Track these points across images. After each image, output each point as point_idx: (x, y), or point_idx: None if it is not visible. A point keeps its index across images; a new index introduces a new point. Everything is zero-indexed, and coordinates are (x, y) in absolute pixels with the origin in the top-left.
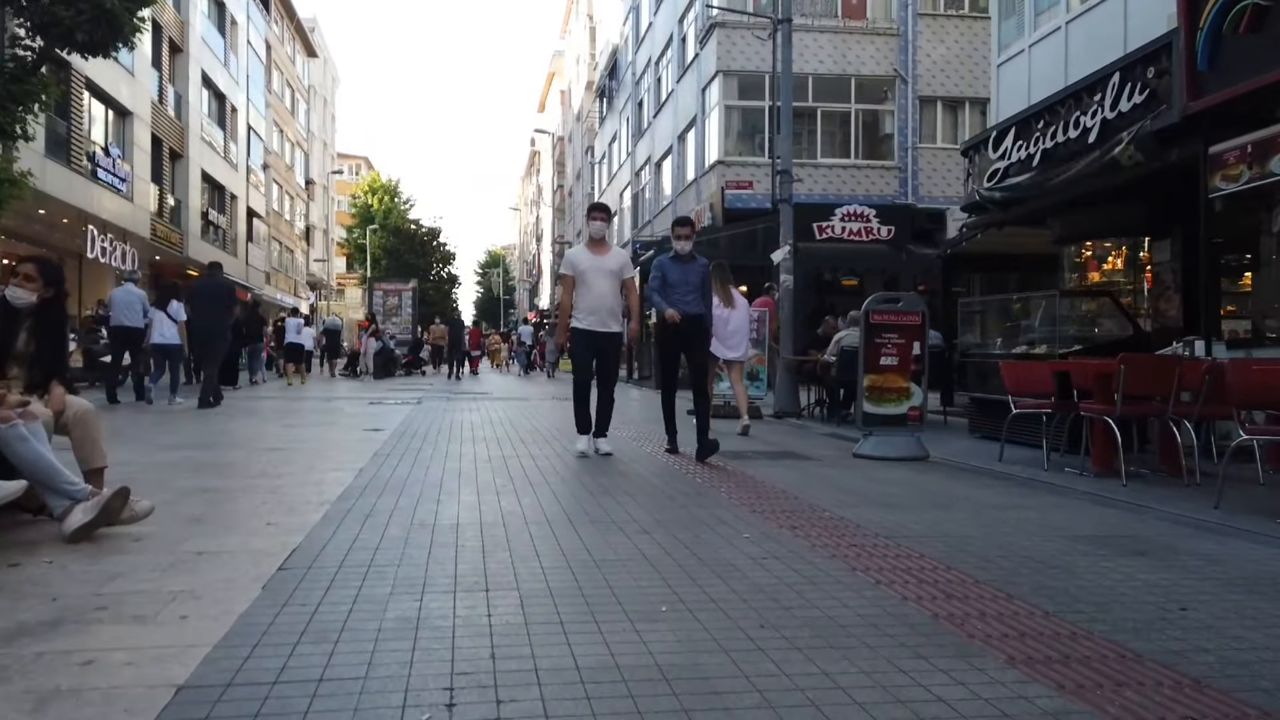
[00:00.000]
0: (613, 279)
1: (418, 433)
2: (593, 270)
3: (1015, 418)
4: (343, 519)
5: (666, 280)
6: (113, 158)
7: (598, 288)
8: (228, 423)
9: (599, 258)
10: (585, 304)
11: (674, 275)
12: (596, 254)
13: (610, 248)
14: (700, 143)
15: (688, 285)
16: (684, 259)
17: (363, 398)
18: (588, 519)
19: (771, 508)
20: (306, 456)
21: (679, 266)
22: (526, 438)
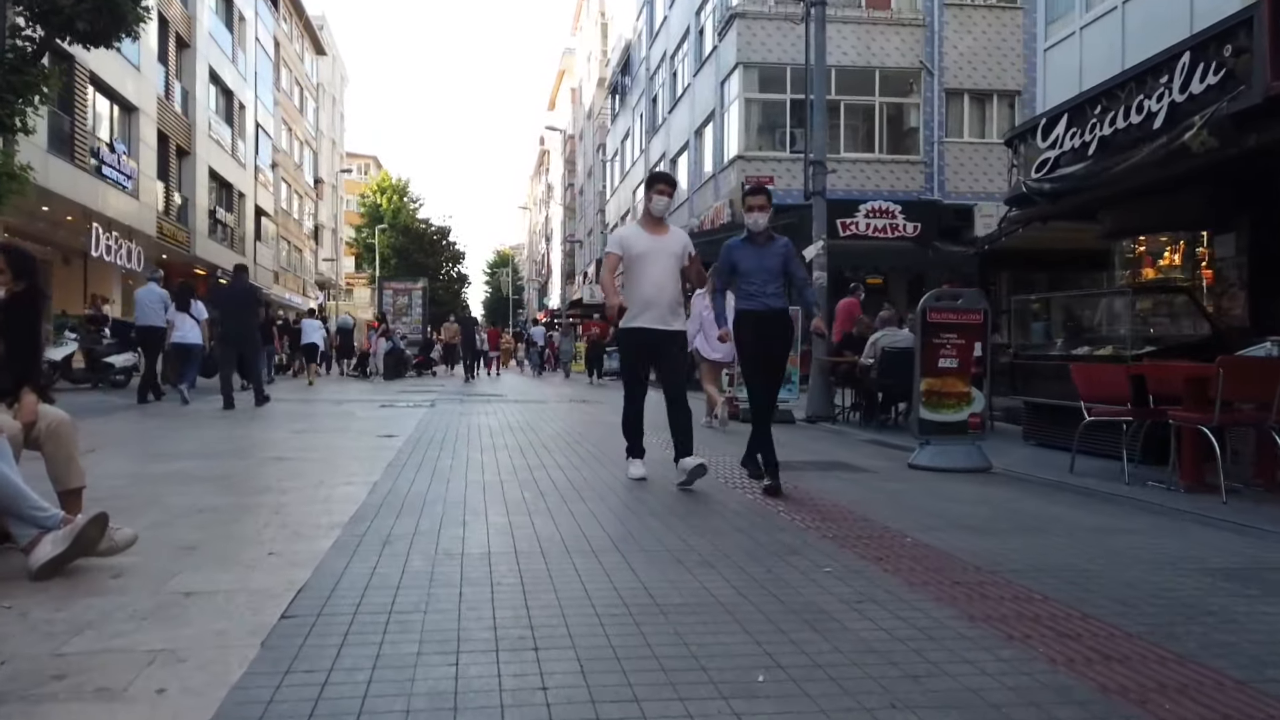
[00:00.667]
0: (673, 265)
1: (434, 439)
2: (650, 254)
3: (1088, 425)
4: (357, 547)
5: (737, 269)
6: (118, 154)
7: (655, 275)
8: (232, 428)
9: (658, 239)
10: (640, 295)
11: (747, 261)
12: (655, 234)
13: (669, 227)
14: (719, 137)
15: (766, 273)
16: (758, 239)
17: (374, 400)
18: (637, 547)
19: (843, 531)
20: (315, 468)
21: (752, 250)
22: (550, 445)
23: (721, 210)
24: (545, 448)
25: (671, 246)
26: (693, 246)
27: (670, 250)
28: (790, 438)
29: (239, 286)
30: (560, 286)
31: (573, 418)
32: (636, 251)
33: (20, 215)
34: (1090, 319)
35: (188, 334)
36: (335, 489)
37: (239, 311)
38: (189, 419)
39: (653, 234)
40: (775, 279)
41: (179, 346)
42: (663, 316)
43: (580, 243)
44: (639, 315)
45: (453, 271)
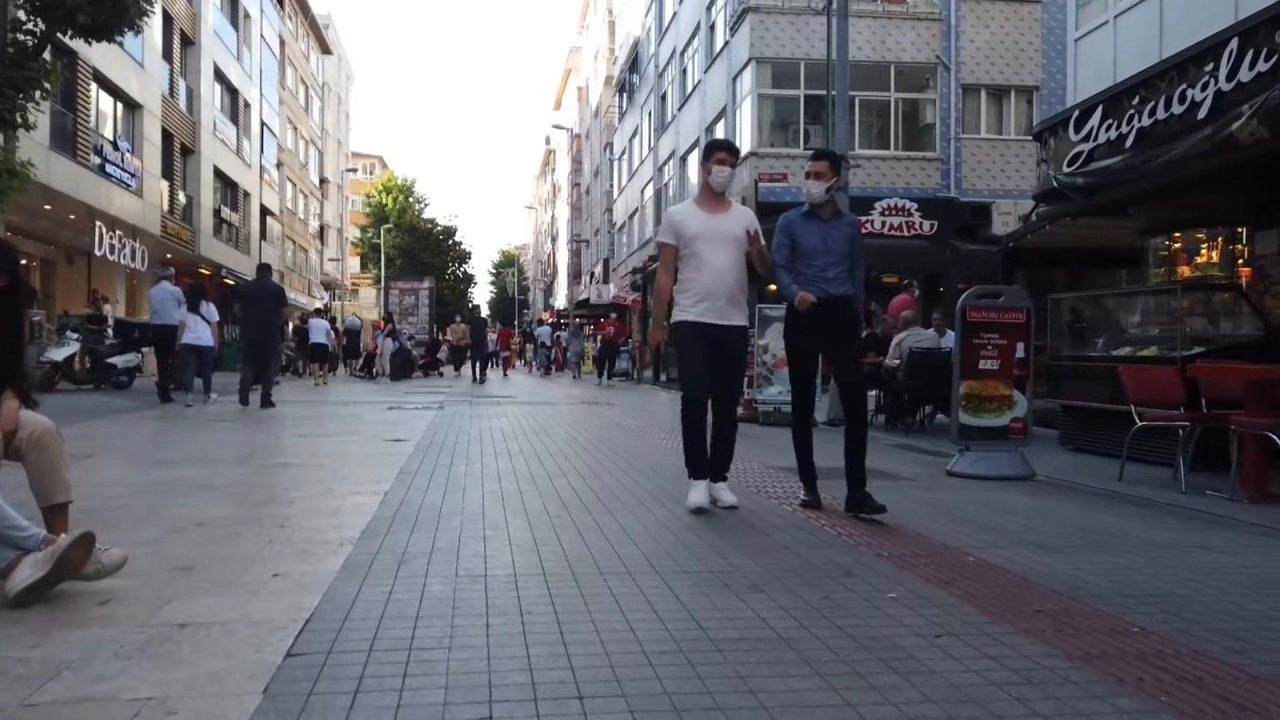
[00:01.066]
0: (735, 249)
1: (445, 444)
2: (709, 237)
3: (1139, 431)
4: (369, 567)
5: (797, 247)
6: (121, 152)
7: (716, 262)
8: (237, 432)
9: (718, 218)
10: (698, 285)
11: (809, 239)
12: (714, 214)
13: (731, 204)
14: (731, 134)
15: (829, 253)
16: (820, 213)
17: (381, 402)
18: (676, 567)
19: (897, 549)
20: (322, 475)
21: (815, 226)
22: (568, 450)
23: None
24: (563, 453)
25: (732, 227)
26: (757, 225)
27: (731, 232)
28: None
29: (260, 285)
30: (566, 286)
31: (588, 421)
32: (692, 233)
33: (23, 214)
34: (1131, 318)
35: (200, 335)
36: (344, 499)
37: (259, 310)
38: (192, 421)
39: (711, 213)
40: (839, 261)
41: (190, 348)
42: (723, 309)
43: (587, 242)
44: (697, 306)
45: (459, 271)
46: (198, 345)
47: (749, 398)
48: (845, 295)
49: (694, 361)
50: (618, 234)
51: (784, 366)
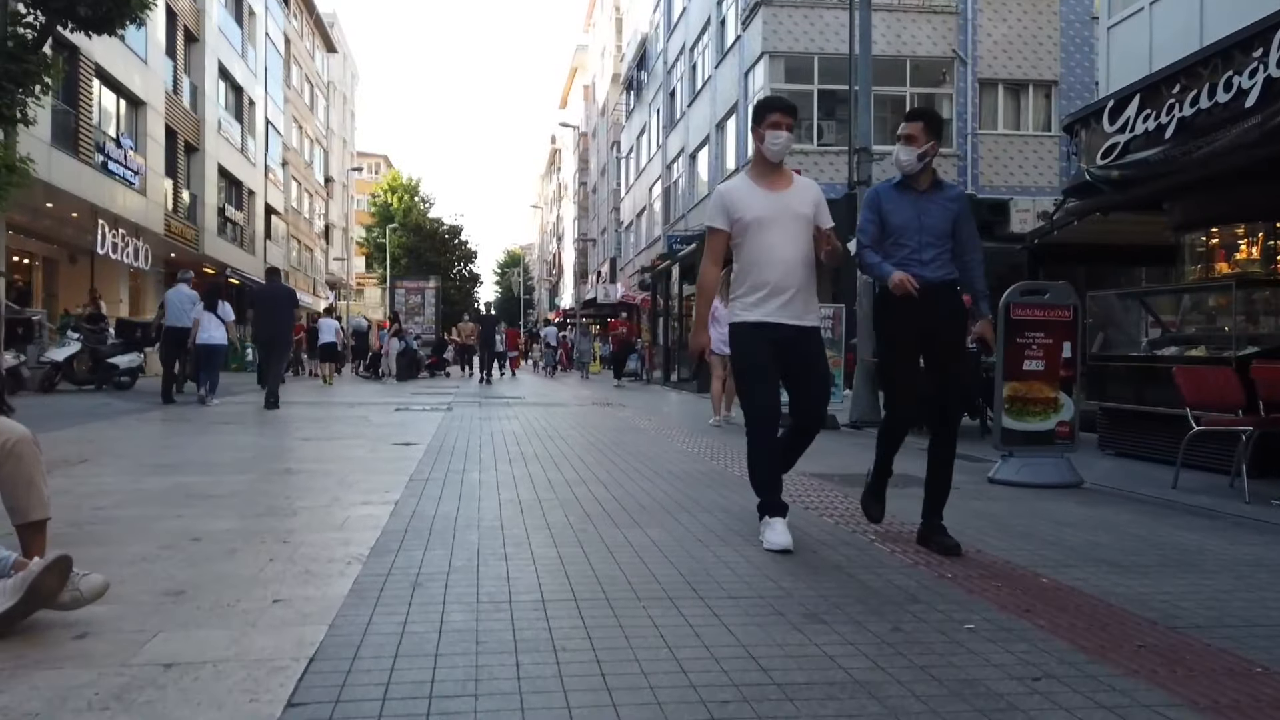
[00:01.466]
0: (803, 231)
1: (456, 448)
2: (773, 218)
3: (1196, 436)
4: (381, 591)
5: (886, 224)
6: (124, 149)
7: (783, 248)
8: (239, 435)
9: (780, 195)
10: (758, 276)
11: (899, 214)
12: (774, 189)
13: (792, 176)
14: (742, 131)
15: (924, 231)
16: (915, 183)
17: (388, 403)
18: (721, 592)
19: (959, 568)
20: (328, 483)
21: (908, 200)
22: (585, 455)
23: None
24: (580, 458)
25: (798, 205)
26: (824, 201)
27: (797, 210)
28: (839, 445)
29: (273, 287)
30: (573, 286)
31: (603, 423)
32: (750, 217)
33: (25, 212)
34: (1175, 316)
35: (213, 334)
36: (352, 509)
37: (272, 312)
38: (195, 424)
39: (770, 188)
40: (940, 241)
41: (203, 347)
42: (793, 306)
43: (593, 241)
44: (759, 306)
45: (464, 271)
46: (210, 344)
47: None
48: (947, 280)
49: (758, 371)
50: (625, 233)
51: None
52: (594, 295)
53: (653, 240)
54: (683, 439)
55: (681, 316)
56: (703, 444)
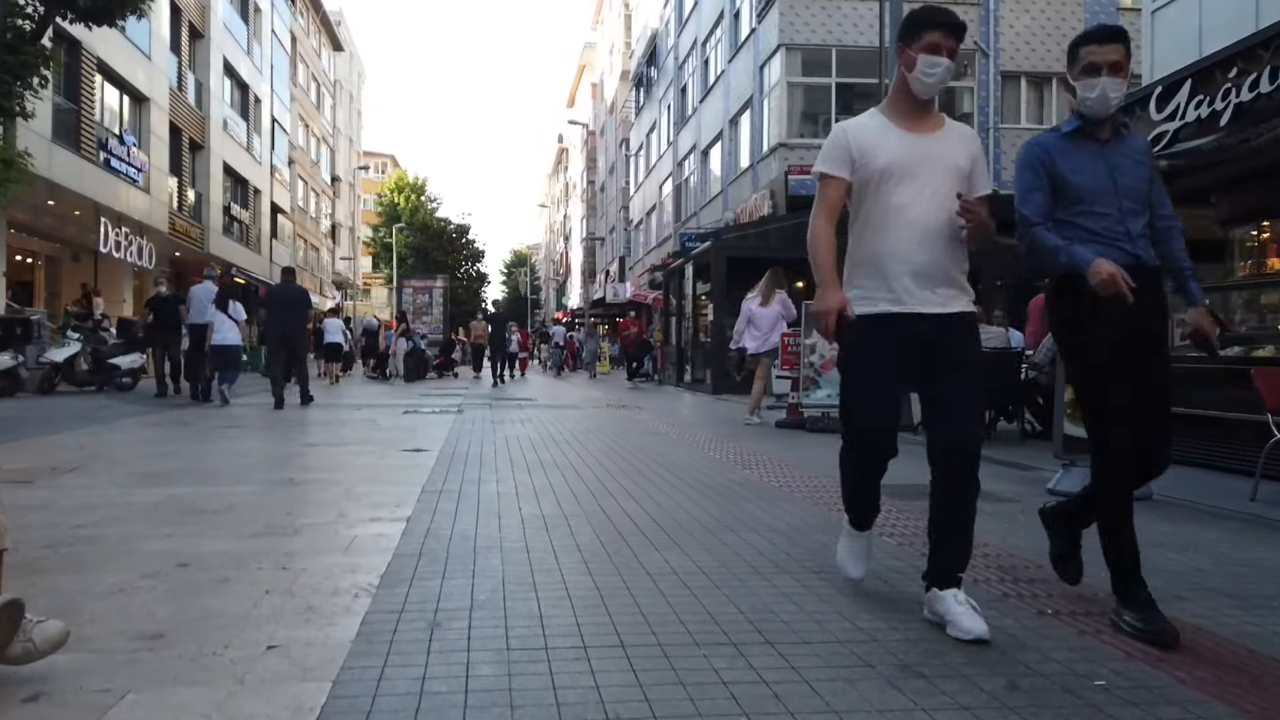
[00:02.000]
0: (953, 189)
1: (470, 455)
2: (910, 168)
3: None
4: (393, 635)
5: (1064, 189)
6: (127, 146)
7: (920, 209)
8: (241, 440)
9: (925, 141)
10: (884, 246)
11: (1084, 174)
12: (917, 132)
13: (943, 119)
14: (757, 125)
15: (1124, 195)
16: (1098, 131)
17: (396, 405)
18: (792, 635)
19: (1061, 604)
20: (334, 495)
21: (1087, 154)
22: (607, 461)
23: (761, 203)
24: (602, 466)
25: (950, 154)
26: (983, 160)
27: (948, 161)
28: None
29: (287, 288)
30: (580, 285)
31: (622, 427)
32: (881, 164)
33: (27, 210)
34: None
35: (226, 335)
36: (359, 527)
37: (287, 312)
38: (194, 428)
39: (912, 129)
40: (1143, 208)
41: (217, 348)
42: (936, 289)
43: (602, 240)
44: (884, 289)
45: (472, 270)
46: (224, 344)
47: (794, 401)
48: (1155, 264)
49: (869, 378)
50: (634, 231)
51: (833, 368)
52: (602, 294)
53: (663, 238)
54: (708, 444)
55: (695, 316)
56: (730, 449)
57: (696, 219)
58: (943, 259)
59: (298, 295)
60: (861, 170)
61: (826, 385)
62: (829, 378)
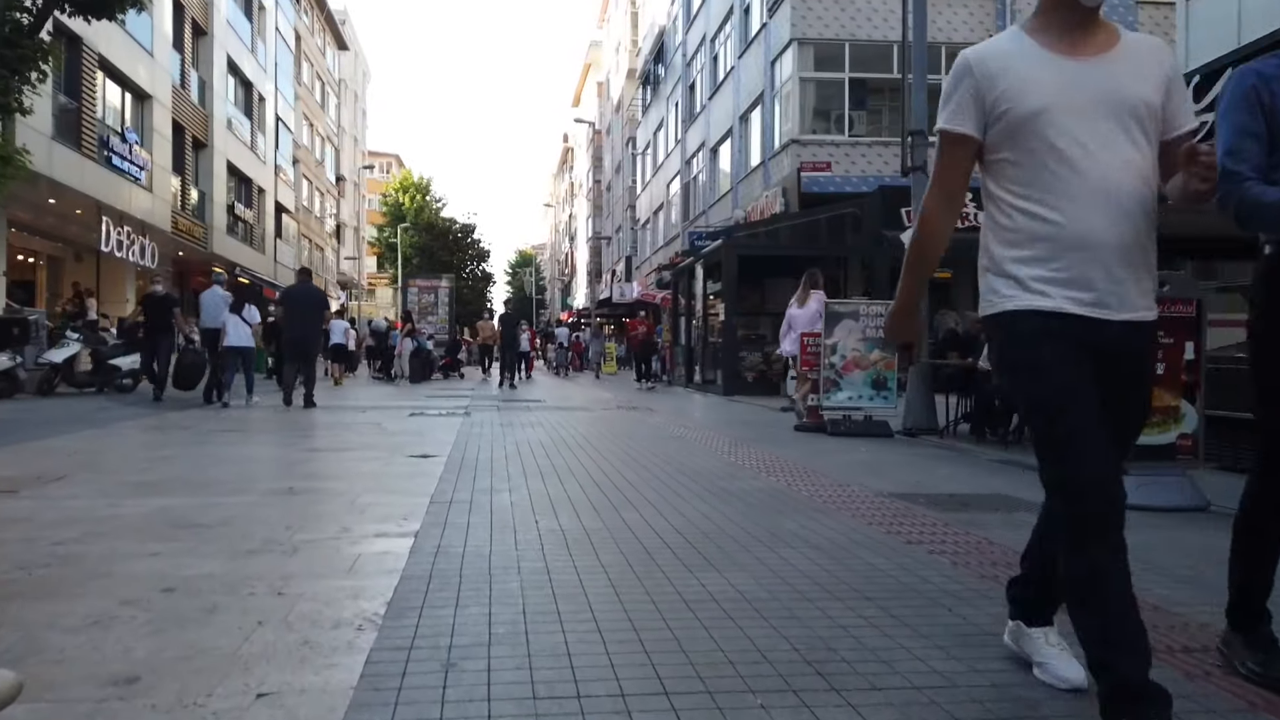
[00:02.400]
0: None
1: (481, 462)
2: (1076, 107)
3: None
4: (402, 678)
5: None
6: (129, 144)
7: (1096, 164)
8: (240, 445)
9: (1092, 66)
10: (1050, 223)
11: None
12: (1081, 55)
13: (1116, 31)
14: (768, 122)
15: None
16: None
17: (401, 407)
18: (863, 681)
19: (1156, 633)
20: (336, 507)
21: None
22: (625, 468)
23: (773, 200)
24: (621, 474)
25: (1134, 82)
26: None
27: (1129, 94)
28: (901, 456)
29: (304, 289)
30: (586, 285)
31: (636, 430)
32: (1031, 106)
33: (27, 208)
34: None
35: (240, 337)
36: (363, 544)
37: (304, 313)
38: (192, 431)
39: (1073, 52)
40: None
41: (231, 349)
42: (1120, 283)
43: (608, 240)
44: (1054, 280)
45: (478, 270)
46: (239, 347)
47: (815, 403)
48: None
49: (1066, 410)
50: (641, 231)
51: (854, 369)
52: (609, 294)
53: (671, 237)
54: (727, 449)
55: (705, 316)
56: (751, 454)
57: (706, 217)
58: (1131, 239)
59: (314, 296)
60: (1002, 116)
61: (848, 387)
62: (850, 379)
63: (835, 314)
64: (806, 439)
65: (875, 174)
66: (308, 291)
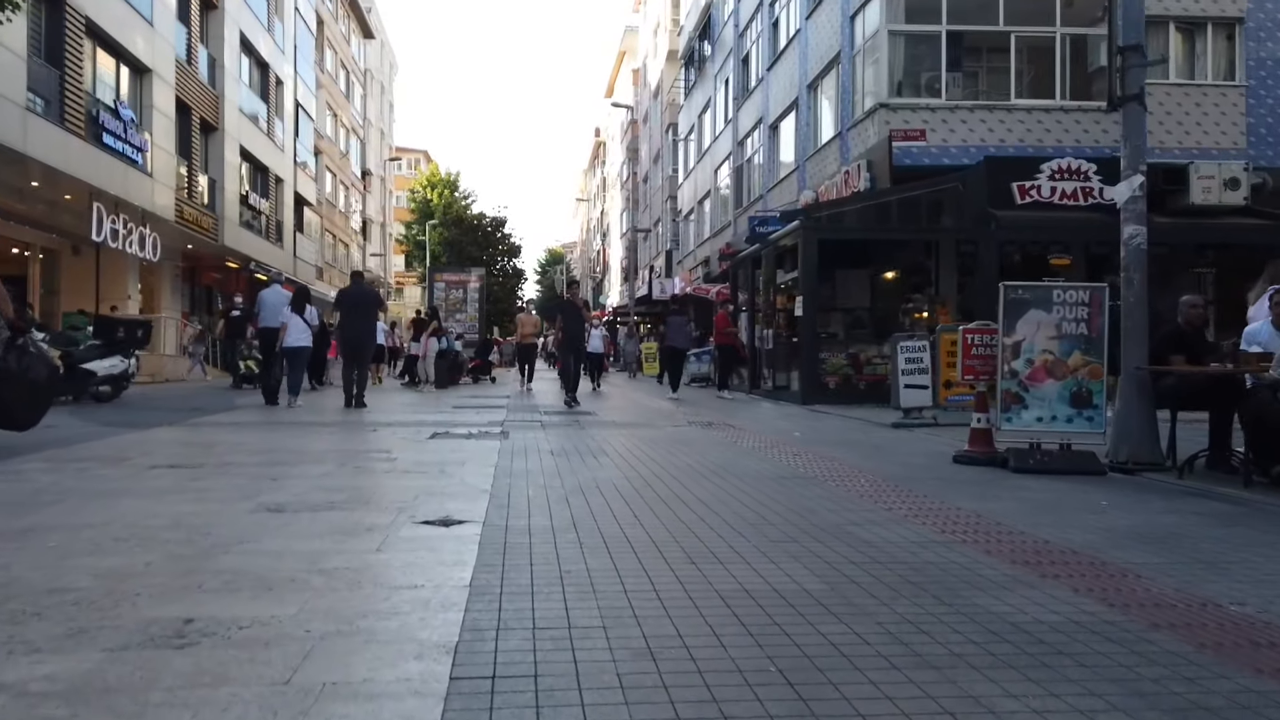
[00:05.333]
0: None
1: (535, 532)
2: None
3: None
4: None
5: None
6: (124, 121)
7: None
8: (161, 500)
9: None
10: None
11: None
12: None
13: None
14: (845, 87)
15: None
16: None
17: (422, 422)
18: None
19: None
20: (269, 668)
21: None
22: (770, 542)
23: (854, 176)
24: (771, 558)
25: None
26: None
27: None
28: (1150, 509)
29: (359, 290)
30: (620, 283)
31: (743, 466)
32: None
33: (8, 192)
34: None
35: (299, 338)
36: None
37: (359, 314)
38: (129, 470)
39: None
40: None
41: (289, 350)
42: None
43: (646, 233)
44: None
45: (509, 266)
46: (295, 346)
47: (986, 425)
48: None
49: None
50: (683, 222)
51: (1046, 379)
52: (648, 290)
53: (720, 227)
54: (879, 492)
55: (775, 311)
56: (917, 504)
57: (764, 202)
58: None
59: (368, 297)
60: None
61: (1037, 404)
62: (1040, 392)
63: (1018, 302)
64: (983, 478)
65: (976, 144)
66: (362, 293)
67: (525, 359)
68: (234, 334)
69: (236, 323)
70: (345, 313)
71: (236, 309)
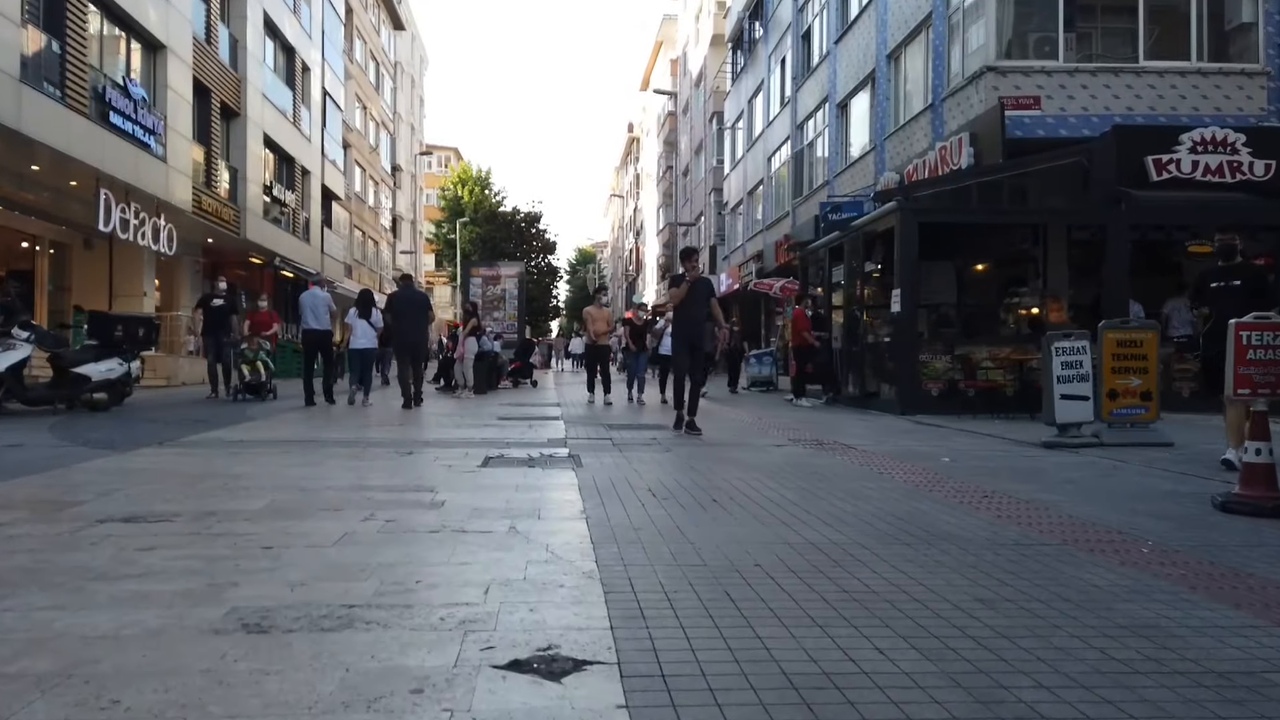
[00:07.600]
0: None
1: (717, 679)
2: None
3: None
4: None
5: None
6: (134, 100)
7: None
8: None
9: None
10: None
11: None
12: None
13: None
14: (939, 51)
15: None
16: None
17: (468, 443)
18: None
19: None
20: None
21: None
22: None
23: (953, 151)
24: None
25: None
26: None
27: None
28: None
29: (410, 293)
30: (655, 282)
31: (910, 509)
32: None
33: (9, 178)
34: None
35: (364, 341)
36: None
37: (412, 316)
38: (67, 524)
39: None
40: None
41: (355, 352)
42: None
43: (686, 229)
44: None
45: (543, 263)
46: (360, 348)
47: (1269, 460)
48: None
49: None
50: (729, 216)
51: None
52: None
53: (775, 218)
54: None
55: (864, 307)
56: (1192, 577)
57: (830, 188)
58: None
59: (418, 300)
60: None
61: None
62: None
63: None
64: (1261, 535)
65: (1102, 111)
66: (411, 296)
67: (597, 362)
68: (215, 328)
69: (218, 314)
70: (399, 316)
71: (219, 296)
